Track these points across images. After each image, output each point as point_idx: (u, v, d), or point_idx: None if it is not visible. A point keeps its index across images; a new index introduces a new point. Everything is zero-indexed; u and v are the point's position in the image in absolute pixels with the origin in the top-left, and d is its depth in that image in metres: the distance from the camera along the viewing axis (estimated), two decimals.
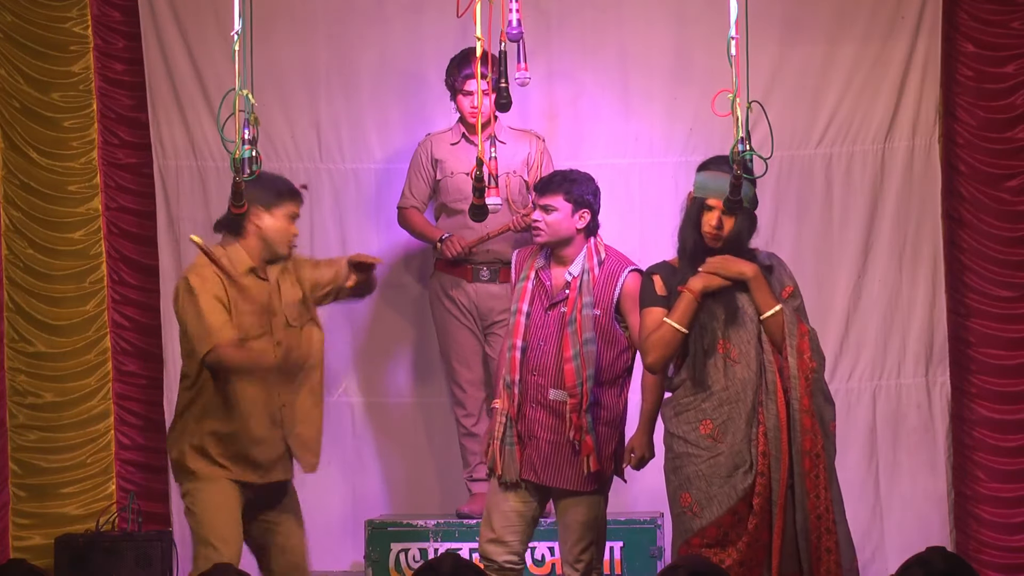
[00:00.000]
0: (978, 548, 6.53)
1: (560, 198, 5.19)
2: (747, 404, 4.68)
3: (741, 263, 4.73)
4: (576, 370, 5.08)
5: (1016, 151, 6.60)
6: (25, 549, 6.59)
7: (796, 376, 4.67)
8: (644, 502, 6.44)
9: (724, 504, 4.65)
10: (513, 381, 5.14)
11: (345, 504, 6.55)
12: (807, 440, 4.66)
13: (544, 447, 5.12)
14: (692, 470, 4.70)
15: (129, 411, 6.76)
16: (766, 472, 4.64)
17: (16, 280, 6.72)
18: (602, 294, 5.15)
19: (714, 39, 5.04)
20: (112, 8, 6.75)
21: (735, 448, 4.67)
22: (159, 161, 6.64)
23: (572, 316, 5.11)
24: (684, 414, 4.75)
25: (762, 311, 4.72)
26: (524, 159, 6.14)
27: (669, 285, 4.81)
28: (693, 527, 4.68)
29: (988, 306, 6.60)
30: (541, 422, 5.13)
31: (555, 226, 5.18)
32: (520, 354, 5.15)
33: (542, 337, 5.15)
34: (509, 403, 5.16)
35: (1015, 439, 6.58)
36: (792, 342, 4.69)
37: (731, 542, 4.65)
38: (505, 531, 5.16)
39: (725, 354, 4.72)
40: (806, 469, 4.64)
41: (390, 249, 6.60)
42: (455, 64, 6.10)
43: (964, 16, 6.58)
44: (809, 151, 6.55)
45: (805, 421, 4.66)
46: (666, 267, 4.88)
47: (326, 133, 6.66)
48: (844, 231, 6.54)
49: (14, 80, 6.71)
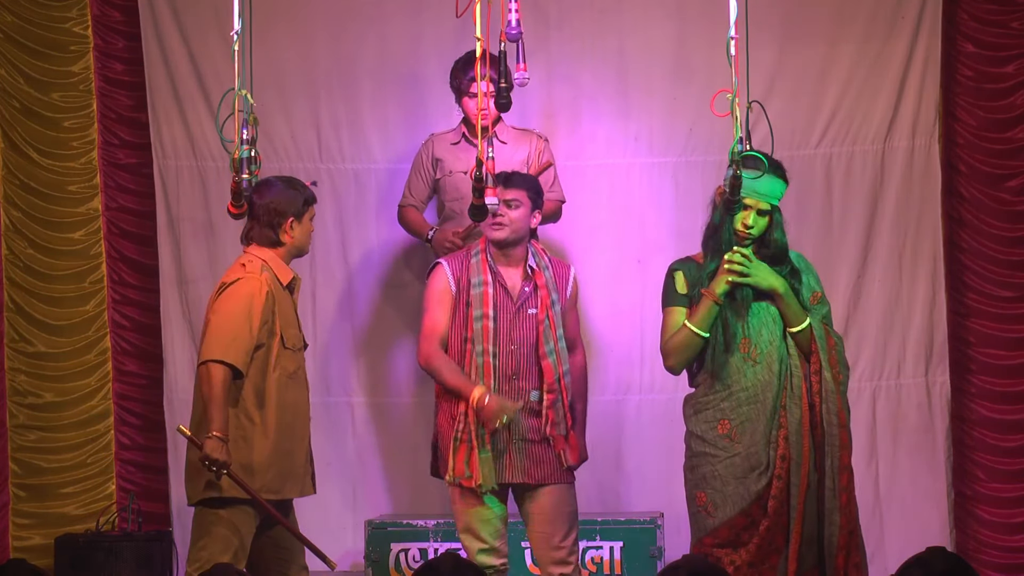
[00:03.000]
0: (978, 548, 6.53)
1: (524, 194, 5.14)
2: (766, 406, 4.68)
3: (772, 277, 4.72)
4: (554, 365, 5.08)
5: (1016, 151, 6.60)
6: (25, 549, 6.59)
7: (833, 391, 4.67)
8: (644, 502, 6.44)
9: (738, 505, 4.65)
10: (488, 387, 5.05)
11: (345, 504, 6.55)
12: (844, 455, 4.67)
13: (532, 448, 5.11)
14: (708, 470, 4.71)
15: (129, 411, 6.76)
16: (784, 476, 4.64)
17: (16, 280, 6.72)
18: (561, 292, 5.18)
19: (714, 39, 5.04)
20: (112, 8, 6.75)
21: (752, 449, 4.67)
22: (159, 161, 6.64)
23: (545, 313, 5.10)
24: (703, 412, 4.76)
25: (791, 326, 4.72)
26: (523, 159, 6.13)
27: (692, 282, 4.80)
28: (707, 527, 4.69)
29: (988, 306, 6.60)
30: (525, 424, 5.10)
31: (518, 222, 5.12)
32: (493, 359, 5.08)
33: (515, 340, 5.10)
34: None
35: (1015, 439, 6.58)
36: (824, 356, 4.69)
37: (743, 543, 4.65)
38: (494, 538, 5.14)
39: (746, 354, 4.72)
40: (843, 485, 4.65)
41: (390, 248, 6.61)
42: (460, 66, 6.08)
43: (964, 16, 6.58)
44: (809, 151, 6.55)
45: (843, 436, 4.67)
46: (690, 264, 4.86)
47: (326, 133, 6.66)
48: (844, 231, 6.54)
49: (14, 80, 6.71)
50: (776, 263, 4.77)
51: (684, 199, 6.52)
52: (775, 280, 4.72)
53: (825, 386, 4.68)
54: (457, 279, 5.13)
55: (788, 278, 4.77)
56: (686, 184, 6.53)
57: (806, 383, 4.69)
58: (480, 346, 5.07)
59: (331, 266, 6.61)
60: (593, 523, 6.02)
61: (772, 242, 4.77)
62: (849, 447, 4.70)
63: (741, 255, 4.70)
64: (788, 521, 4.64)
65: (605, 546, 5.98)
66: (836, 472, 4.64)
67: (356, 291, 6.65)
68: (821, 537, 4.65)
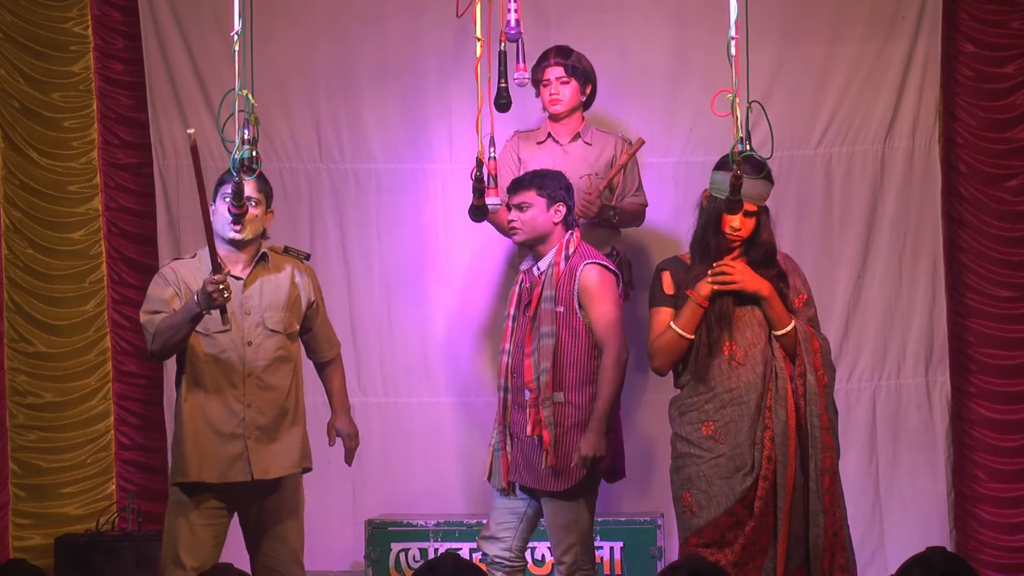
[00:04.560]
0: (978, 548, 6.53)
1: (533, 194, 5.18)
2: (750, 407, 4.68)
3: (757, 281, 4.72)
4: (534, 364, 5.08)
5: (1016, 151, 6.60)
6: (25, 549, 6.59)
7: (816, 393, 4.67)
8: (644, 502, 6.44)
9: (722, 505, 4.66)
10: (501, 386, 5.19)
11: (345, 504, 6.55)
12: (827, 457, 4.67)
13: (524, 448, 5.13)
14: (693, 471, 4.71)
15: (129, 411, 6.76)
16: (770, 477, 4.64)
17: (16, 280, 6.72)
18: (564, 289, 5.12)
19: (714, 39, 5.05)
20: (112, 8, 6.76)
21: (736, 450, 4.67)
22: (159, 161, 6.65)
23: (535, 310, 5.12)
24: (687, 415, 4.76)
25: (776, 329, 4.73)
26: (608, 161, 6.09)
27: (678, 282, 4.80)
28: (692, 526, 4.69)
29: (988, 306, 6.60)
30: (520, 423, 5.14)
31: (531, 223, 5.17)
32: (507, 358, 5.18)
33: (519, 339, 5.16)
34: (498, 408, 5.21)
35: (1015, 439, 6.58)
36: (808, 359, 4.69)
37: (728, 543, 4.65)
38: (499, 528, 5.20)
39: (730, 356, 4.72)
40: (825, 486, 4.65)
41: (390, 248, 6.61)
42: (537, 59, 5.98)
43: (964, 16, 6.59)
44: (809, 151, 6.55)
45: (826, 438, 4.67)
46: (677, 263, 4.86)
47: (326, 133, 6.66)
48: (844, 231, 6.54)
49: (14, 80, 6.72)
50: (764, 264, 4.77)
51: (684, 199, 6.52)
52: (760, 283, 4.72)
53: (809, 388, 4.68)
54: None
55: (775, 280, 4.77)
56: (686, 184, 6.53)
57: (791, 385, 4.70)
58: (500, 344, 5.23)
59: (331, 266, 6.60)
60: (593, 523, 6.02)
61: (761, 244, 4.77)
62: (833, 449, 4.69)
63: (724, 268, 4.70)
64: (775, 522, 4.65)
65: (605, 546, 5.98)
66: (819, 474, 4.65)
67: (356, 291, 6.65)
68: (807, 538, 4.66)
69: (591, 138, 6.07)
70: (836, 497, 4.68)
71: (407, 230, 6.62)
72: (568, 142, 6.04)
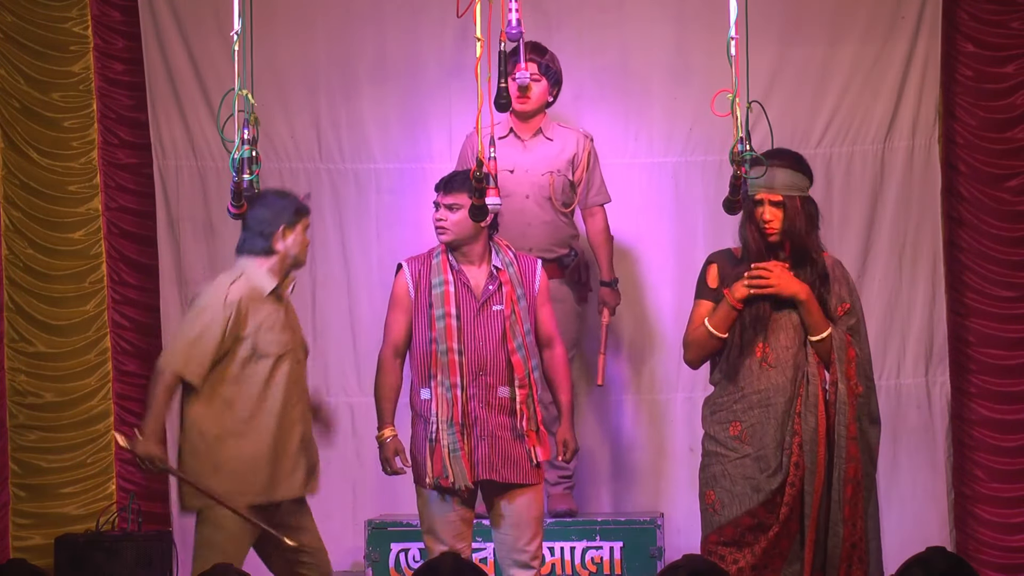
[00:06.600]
0: (977, 548, 6.53)
1: (465, 196, 5.08)
2: (778, 410, 4.67)
3: (795, 284, 4.70)
4: (523, 360, 5.09)
5: (1016, 151, 6.60)
6: (25, 549, 6.59)
7: (845, 402, 4.66)
8: (644, 502, 6.44)
9: (744, 504, 4.65)
10: (455, 384, 5.09)
11: (345, 504, 6.55)
12: (851, 467, 4.65)
13: (502, 444, 5.11)
14: (718, 469, 4.73)
15: (129, 411, 6.75)
16: (797, 483, 4.63)
17: (16, 280, 6.72)
18: (528, 287, 5.18)
19: (714, 39, 5.04)
20: (112, 8, 6.75)
21: (762, 452, 4.67)
22: (159, 161, 6.65)
23: (512, 308, 5.11)
24: (717, 414, 4.78)
25: (811, 334, 4.72)
26: (570, 158, 6.09)
27: (724, 276, 4.79)
28: (712, 524, 4.70)
29: (988, 306, 6.60)
30: (495, 421, 5.10)
31: (461, 224, 5.12)
32: (458, 357, 5.10)
33: (480, 337, 5.11)
34: (448, 408, 5.10)
35: (1015, 439, 6.58)
36: (841, 368, 4.68)
37: (747, 544, 4.64)
38: (456, 540, 5.16)
39: (763, 358, 4.72)
40: (847, 496, 4.63)
41: (390, 248, 6.60)
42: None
43: (964, 16, 6.59)
44: (809, 151, 6.53)
45: (851, 449, 4.66)
46: (727, 256, 4.86)
47: (326, 133, 6.66)
48: (844, 231, 6.54)
49: (14, 80, 6.71)
50: (801, 258, 4.75)
51: (684, 199, 6.52)
52: (798, 287, 4.71)
53: (839, 397, 4.66)
54: (416, 282, 5.18)
55: (815, 285, 4.75)
56: (686, 184, 6.53)
57: (823, 392, 4.68)
58: (444, 344, 5.10)
59: (331, 266, 6.60)
60: (593, 523, 6.02)
61: (794, 233, 4.74)
62: (857, 460, 4.66)
63: (760, 271, 4.69)
64: (799, 528, 4.65)
65: (605, 546, 5.98)
66: (842, 484, 4.63)
67: (355, 291, 6.65)
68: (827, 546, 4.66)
69: (552, 133, 6.07)
70: (858, 509, 4.65)
71: (407, 230, 6.61)
72: (529, 138, 6.04)
